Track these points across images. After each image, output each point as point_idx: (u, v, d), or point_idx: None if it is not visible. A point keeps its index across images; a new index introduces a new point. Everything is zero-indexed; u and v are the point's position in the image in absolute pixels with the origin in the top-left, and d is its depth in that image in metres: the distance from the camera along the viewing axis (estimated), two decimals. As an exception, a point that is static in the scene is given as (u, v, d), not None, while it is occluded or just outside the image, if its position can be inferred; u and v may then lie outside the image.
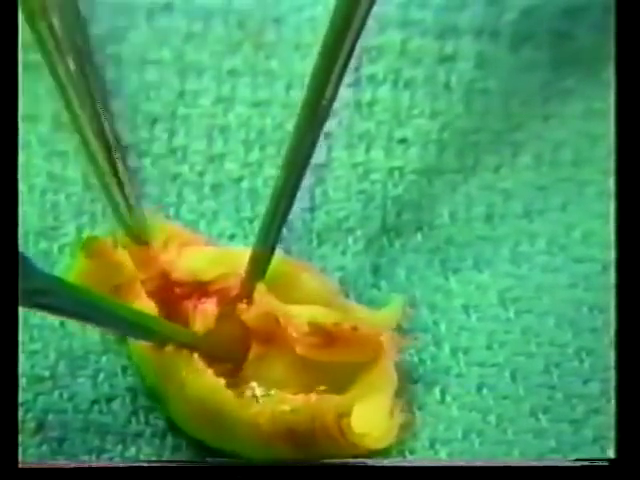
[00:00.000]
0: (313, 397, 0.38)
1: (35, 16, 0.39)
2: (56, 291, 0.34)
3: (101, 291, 0.39)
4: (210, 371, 0.38)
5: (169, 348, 0.38)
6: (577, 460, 0.38)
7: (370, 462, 0.38)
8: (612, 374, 0.37)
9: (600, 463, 0.37)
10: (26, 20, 0.39)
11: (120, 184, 0.40)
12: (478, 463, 0.38)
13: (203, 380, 0.38)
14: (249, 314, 0.39)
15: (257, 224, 0.42)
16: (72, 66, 0.40)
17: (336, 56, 0.36)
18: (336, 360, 0.39)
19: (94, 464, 0.38)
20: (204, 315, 0.39)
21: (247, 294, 0.39)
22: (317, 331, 0.38)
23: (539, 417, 0.40)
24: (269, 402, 0.38)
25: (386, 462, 0.38)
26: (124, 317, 0.37)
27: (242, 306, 0.39)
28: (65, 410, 0.40)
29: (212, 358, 0.38)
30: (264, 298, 0.39)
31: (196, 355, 0.38)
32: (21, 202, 0.42)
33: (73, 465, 0.38)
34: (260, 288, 0.39)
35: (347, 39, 0.36)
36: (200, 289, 0.39)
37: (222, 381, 0.38)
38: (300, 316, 0.38)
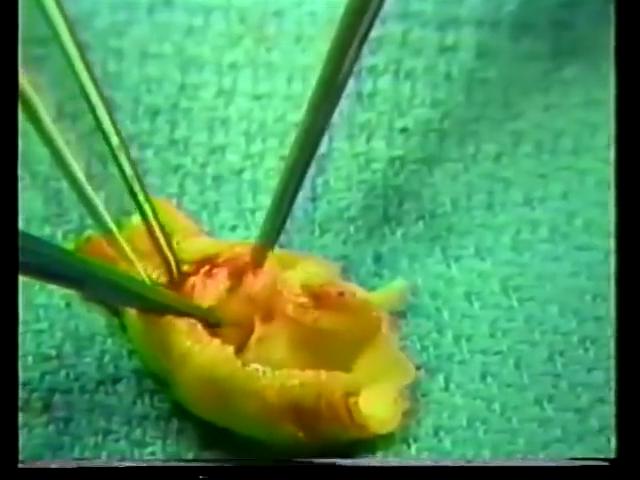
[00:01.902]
0: (323, 374, 0.36)
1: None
2: (50, 255, 0.32)
3: None
4: (217, 341, 0.36)
5: (170, 319, 0.36)
6: (577, 459, 0.36)
7: (370, 462, 0.36)
8: (613, 364, 0.35)
9: (600, 463, 0.35)
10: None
11: (123, 172, 0.38)
12: (478, 463, 0.36)
13: (209, 349, 0.36)
14: (255, 286, 0.37)
15: (259, 215, 0.40)
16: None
17: (355, 29, 0.34)
18: (325, 328, 0.37)
19: (94, 464, 0.36)
20: (215, 286, 0.37)
21: (258, 263, 0.38)
22: (306, 292, 0.37)
23: (544, 406, 0.38)
24: (278, 376, 0.36)
25: (386, 462, 0.36)
26: (122, 284, 0.35)
27: (249, 278, 0.38)
28: (71, 390, 0.38)
29: (216, 330, 0.37)
30: (271, 269, 0.37)
31: (200, 325, 0.36)
32: (25, 189, 0.41)
33: (73, 465, 0.36)
34: (271, 258, 0.38)
35: (367, 12, 0.34)
36: (210, 262, 0.38)
37: (230, 349, 0.36)
38: (294, 278, 0.37)
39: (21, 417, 0.37)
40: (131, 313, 0.38)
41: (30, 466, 0.36)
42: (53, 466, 0.36)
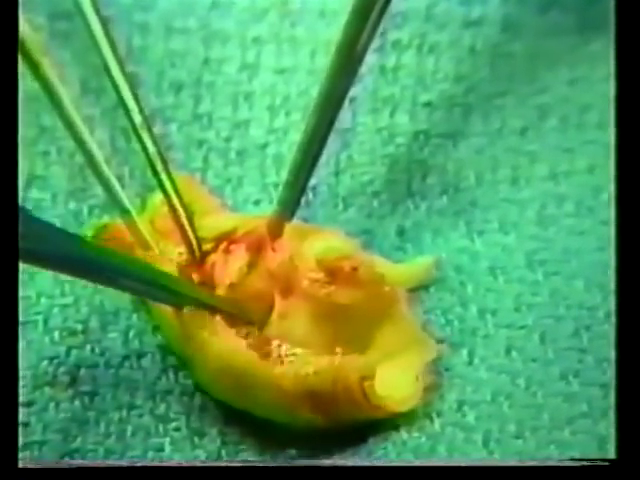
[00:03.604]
0: (337, 359, 0.35)
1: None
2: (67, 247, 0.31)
3: None
4: (233, 332, 0.35)
5: (189, 309, 0.35)
6: (577, 460, 0.34)
7: (370, 462, 0.35)
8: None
9: (600, 463, 0.34)
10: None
11: (146, 150, 0.37)
12: (478, 463, 0.34)
13: (225, 341, 0.34)
14: (274, 261, 0.36)
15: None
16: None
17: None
18: (340, 302, 0.35)
19: (93, 464, 0.35)
20: (235, 262, 0.36)
21: (275, 235, 0.36)
22: (321, 267, 0.35)
23: (569, 381, 0.36)
24: (293, 363, 0.35)
25: (386, 462, 0.35)
26: (142, 276, 0.34)
27: (268, 253, 0.36)
28: (96, 365, 0.36)
29: (234, 319, 0.35)
30: (289, 242, 0.36)
31: (218, 317, 0.35)
32: (51, 164, 0.39)
33: (73, 465, 0.35)
34: (288, 229, 0.36)
35: None
36: (228, 238, 0.36)
37: (244, 342, 0.35)
38: (309, 253, 0.36)
39: (48, 391, 0.36)
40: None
41: (30, 466, 0.34)
42: (53, 466, 0.35)
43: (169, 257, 0.36)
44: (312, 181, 0.39)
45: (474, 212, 0.39)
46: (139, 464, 0.35)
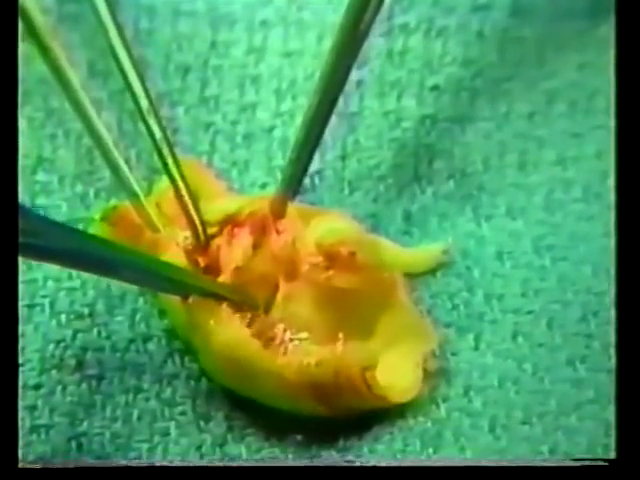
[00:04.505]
0: (339, 348, 0.34)
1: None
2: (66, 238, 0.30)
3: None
4: (238, 321, 0.34)
5: (194, 298, 0.34)
6: (577, 460, 0.33)
7: (371, 462, 0.34)
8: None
9: (600, 463, 0.33)
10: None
11: (152, 135, 0.36)
12: (478, 463, 0.34)
13: (231, 330, 0.34)
14: (277, 244, 0.35)
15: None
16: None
17: None
18: (339, 287, 0.35)
19: (93, 464, 0.34)
20: (239, 246, 0.35)
21: (278, 215, 0.35)
22: (321, 251, 0.35)
23: (576, 366, 0.35)
24: (295, 354, 0.34)
25: (386, 462, 0.34)
26: (144, 267, 0.33)
27: (272, 235, 0.35)
28: (103, 348, 0.36)
29: (239, 306, 0.34)
30: (293, 224, 0.35)
31: (224, 305, 0.34)
32: (58, 147, 0.39)
33: (72, 465, 0.34)
34: (293, 211, 0.35)
35: None
36: (232, 221, 0.35)
37: (248, 331, 0.34)
38: (310, 236, 0.35)
39: (55, 375, 0.35)
40: None
41: (30, 466, 0.34)
42: (53, 466, 0.34)
43: (176, 241, 0.36)
44: (318, 165, 0.38)
45: (481, 197, 0.38)
46: (139, 464, 0.34)
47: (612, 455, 0.33)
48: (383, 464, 0.34)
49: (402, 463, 0.34)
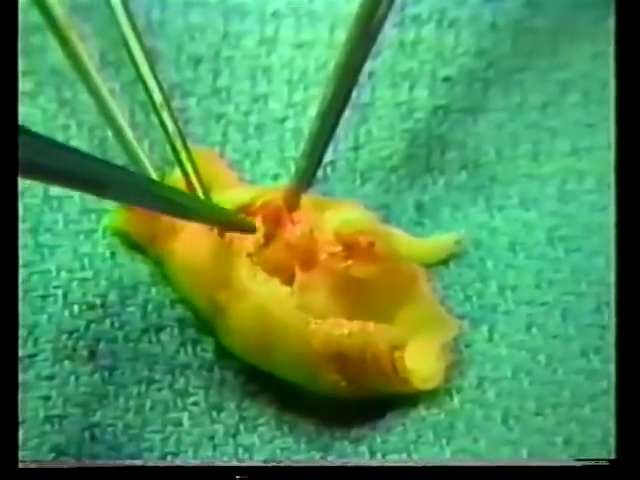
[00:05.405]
0: (371, 325, 0.34)
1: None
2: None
3: (140, 240, 0.36)
4: (277, 280, 0.34)
5: (232, 256, 0.34)
6: (577, 460, 0.33)
7: (371, 462, 0.34)
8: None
9: (600, 463, 0.33)
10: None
11: (165, 128, 0.35)
12: (478, 463, 0.33)
13: (269, 285, 0.34)
14: (293, 233, 0.34)
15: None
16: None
17: None
18: (358, 277, 0.34)
19: (93, 464, 0.34)
20: (252, 235, 0.34)
21: (292, 206, 0.35)
22: (339, 241, 0.34)
23: (590, 358, 0.34)
24: (326, 323, 0.33)
25: (386, 462, 0.34)
26: (150, 190, 0.31)
27: (287, 226, 0.35)
28: (115, 339, 0.35)
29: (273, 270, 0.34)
30: (308, 214, 0.34)
31: (259, 267, 0.34)
32: (71, 138, 0.38)
33: (72, 465, 0.34)
34: (308, 202, 0.35)
35: None
36: (245, 211, 0.35)
37: (287, 289, 0.34)
38: (328, 226, 0.34)
39: (68, 365, 0.35)
40: (180, 252, 0.35)
41: (30, 466, 0.33)
42: (53, 466, 0.34)
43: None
44: (330, 156, 0.38)
45: (494, 187, 0.37)
46: (139, 464, 0.34)
47: (612, 455, 0.33)
48: (389, 463, 0.34)
49: (407, 463, 0.34)
